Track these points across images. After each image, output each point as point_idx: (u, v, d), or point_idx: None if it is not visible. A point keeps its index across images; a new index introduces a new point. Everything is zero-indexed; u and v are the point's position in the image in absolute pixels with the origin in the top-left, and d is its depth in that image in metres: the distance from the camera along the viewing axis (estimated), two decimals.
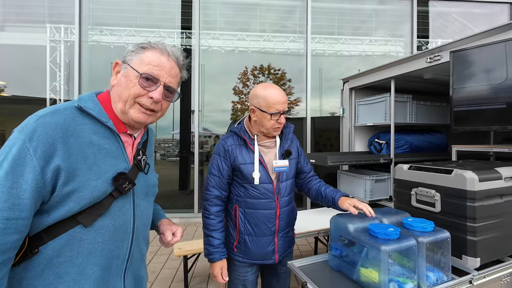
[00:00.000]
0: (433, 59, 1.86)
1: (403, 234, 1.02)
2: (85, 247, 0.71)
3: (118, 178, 0.75)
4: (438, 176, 1.29)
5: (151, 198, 0.92)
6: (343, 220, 1.15)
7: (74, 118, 0.71)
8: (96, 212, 0.72)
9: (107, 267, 0.76)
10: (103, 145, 0.75)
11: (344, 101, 2.88)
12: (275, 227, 1.33)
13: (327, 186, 1.41)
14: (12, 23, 5.02)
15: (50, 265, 0.69)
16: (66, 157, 0.67)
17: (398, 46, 5.54)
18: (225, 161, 1.31)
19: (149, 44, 0.80)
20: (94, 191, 0.70)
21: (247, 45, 5.27)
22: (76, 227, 0.70)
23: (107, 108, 0.79)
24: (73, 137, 0.69)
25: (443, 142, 2.65)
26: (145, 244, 0.90)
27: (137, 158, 0.83)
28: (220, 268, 1.30)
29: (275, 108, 1.25)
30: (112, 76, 0.81)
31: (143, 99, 0.78)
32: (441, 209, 1.27)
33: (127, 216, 0.79)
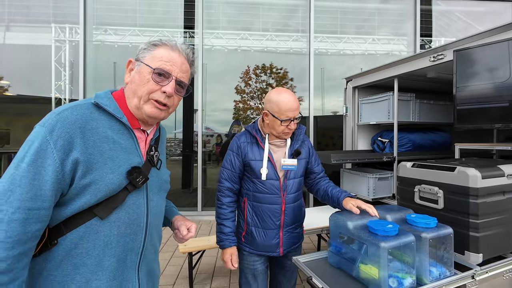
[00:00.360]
0: (436, 58, 1.87)
1: (402, 231, 1.04)
2: (101, 239, 0.74)
3: (132, 172, 0.78)
4: (441, 173, 1.31)
5: (164, 194, 0.94)
6: (342, 218, 1.17)
7: (91, 114, 0.75)
8: (112, 205, 0.75)
9: (123, 259, 0.78)
10: (118, 140, 0.78)
11: (347, 100, 2.89)
12: (280, 221, 1.38)
13: (335, 186, 1.42)
14: (17, 23, 5.08)
15: (69, 256, 0.72)
16: (84, 150, 0.71)
17: (401, 45, 5.53)
18: (237, 157, 1.41)
19: (160, 41, 0.84)
20: (109, 184, 0.73)
21: (250, 44, 5.29)
22: (93, 220, 0.73)
23: (121, 105, 0.82)
24: (90, 131, 0.73)
25: (446, 141, 2.66)
26: (158, 239, 0.93)
27: (150, 153, 0.86)
28: (230, 254, 1.37)
29: (286, 115, 1.31)
30: (126, 74, 0.84)
31: (157, 94, 0.81)
32: (444, 205, 1.29)
33: (140, 210, 0.81)
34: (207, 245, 2.49)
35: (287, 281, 1.53)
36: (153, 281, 0.93)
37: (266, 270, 1.48)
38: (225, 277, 2.71)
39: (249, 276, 1.43)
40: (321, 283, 1.08)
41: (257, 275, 1.43)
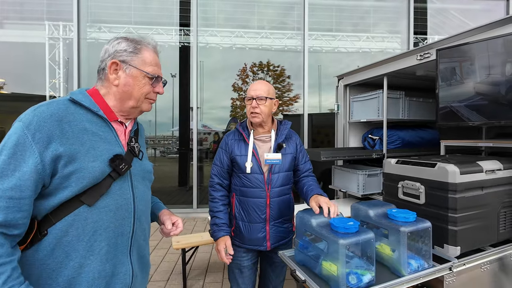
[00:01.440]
0: (423, 56, 1.90)
1: (362, 228, 1.06)
2: (90, 225, 0.78)
3: (115, 159, 0.82)
4: (422, 169, 1.35)
5: (148, 183, 0.99)
6: (307, 216, 1.19)
7: (67, 109, 0.79)
8: (98, 192, 0.79)
9: (114, 244, 0.82)
10: (96, 132, 0.82)
11: (339, 98, 2.92)
12: (265, 215, 1.42)
13: (311, 185, 1.44)
14: (11, 20, 5.04)
15: (59, 244, 0.75)
16: (64, 141, 0.74)
17: (395, 43, 5.56)
18: (225, 153, 1.49)
19: (140, 43, 0.90)
20: (92, 172, 0.77)
21: (245, 42, 5.29)
22: (81, 207, 0.77)
23: (97, 100, 0.86)
24: (68, 124, 0.77)
25: (434, 138, 2.71)
26: (147, 226, 0.97)
27: (130, 144, 0.91)
28: (223, 243, 1.40)
29: (249, 93, 1.44)
30: (111, 75, 0.87)
31: (152, 95, 0.93)
32: (425, 201, 1.33)
33: (127, 196, 0.86)
34: (200, 241, 2.53)
35: (276, 277, 1.57)
36: (145, 267, 0.97)
37: (253, 266, 1.51)
38: (218, 272, 2.75)
39: (236, 271, 1.47)
40: (304, 275, 1.11)
41: (243, 271, 1.47)
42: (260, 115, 1.41)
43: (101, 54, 0.90)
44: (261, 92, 1.41)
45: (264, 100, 1.41)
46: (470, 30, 1.55)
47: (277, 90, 5.56)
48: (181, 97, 5.28)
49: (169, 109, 5.45)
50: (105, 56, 0.88)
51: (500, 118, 1.37)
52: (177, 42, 5.15)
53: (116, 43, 0.88)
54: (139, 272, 0.92)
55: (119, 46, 0.87)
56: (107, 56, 0.87)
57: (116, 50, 0.87)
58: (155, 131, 5.86)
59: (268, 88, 1.44)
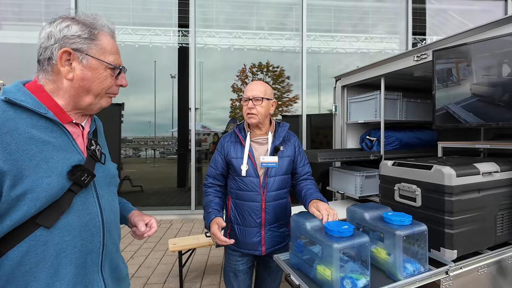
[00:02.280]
0: (420, 57, 1.89)
1: (357, 232, 1.05)
2: (51, 249, 0.66)
3: (75, 171, 0.69)
4: (419, 171, 1.33)
5: (114, 189, 0.88)
6: (301, 219, 1.17)
7: (3, 114, 0.63)
8: (57, 210, 0.67)
9: (82, 264, 0.73)
10: (47, 139, 0.67)
11: (336, 99, 2.91)
12: (261, 219, 1.40)
13: (310, 188, 1.41)
14: (9, 21, 5.04)
15: (14, 277, 0.63)
16: (5, 157, 0.60)
17: (393, 43, 5.56)
18: (220, 155, 1.48)
19: (95, 26, 0.74)
20: (48, 189, 0.64)
21: (243, 43, 5.29)
22: (37, 230, 0.65)
23: (43, 98, 0.70)
24: (9, 134, 0.61)
25: (432, 139, 2.69)
26: (117, 235, 0.88)
27: (90, 148, 0.78)
28: (215, 224, 1.30)
29: (246, 94, 1.43)
30: (64, 67, 0.70)
31: (114, 89, 0.80)
32: (421, 203, 1.32)
33: (93, 210, 0.75)
34: (197, 244, 2.51)
35: (272, 281, 1.55)
36: (120, 277, 0.88)
37: (249, 270, 1.49)
38: (215, 275, 2.73)
39: (231, 274, 1.46)
40: (298, 280, 1.10)
41: (238, 274, 1.45)
42: (257, 115, 1.39)
43: (40, 39, 0.71)
44: (258, 93, 1.39)
45: (260, 100, 1.38)
46: (466, 31, 1.54)
47: (277, 91, 5.56)
48: (179, 98, 5.27)
49: (169, 110, 5.42)
50: (49, 42, 0.70)
51: (497, 119, 1.35)
52: (176, 43, 5.14)
53: (64, 25, 0.70)
54: (114, 285, 0.84)
55: (69, 30, 0.70)
56: (53, 43, 0.70)
57: (66, 35, 0.70)
58: (155, 132, 5.84)
59: (265, 89, 1.42)
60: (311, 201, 1.28)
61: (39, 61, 0.73)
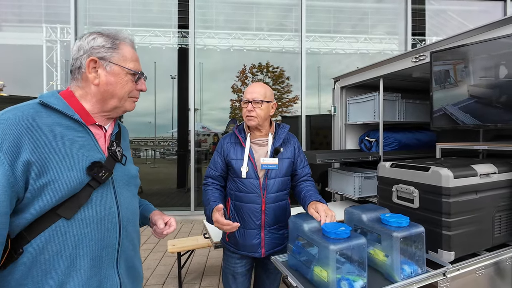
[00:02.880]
0: (418, 58, 1.89)
1: (354, 233, 1.05)
2: (70, 240, 0.72)
3: (93, 167, 0.76)
4: (416, 173, 1.34)
5: (134, 189, 0.93)
6: (299, 220, 1.17)
7: (37, 113, 0.72)
8: (76, 203, 0.73)
9: (98, 257, 0.77)
10: (72, 137, 0.75)
11: (335, 100, 2.92)
12: (260, 221, 1.40)
13: (309, 190, 1.41)
14: (9, 23, 5.05)
15: (36, 263, 0.69)
16: (34, 150, 0.67)
17: (393, 44, 5.56)
18: (220, 156, 1.47)
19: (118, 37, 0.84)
20: (68, 182, 0.71)
21: (243, 44, 5.29)
22: (58, 221, 0.71)
23: (72, 103, 0.79)
24: (38, 130, 0.70)
25: (431, 140, 2.69)
26: (136, 235, 0.92)
27: (111, 149, 0.85)
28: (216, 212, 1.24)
29: (245, 97, 1.42)
30: (91, 74, 0.80)
31: (135, 93, 0.89)
32: (419, 205, 1.32)
33: (109, 205, 0.80)
34: (196, 245, 2.51)
35: (271, 283, 1.54)
36: (136, 277, 0.91)
37: (247, 272, 1.49)
38: (214, 276, 2.73)
39: (229, 277, 1.45)
40: (296, 282, 1.10)
41: (237, 277, 1.45)
42: (256, 118, 1.39)
43: (73, 52, 0.82)
44: (257, 95, 1.38)
45: (260, 103, 1.38)
46: (464, 33, 1.54)
47: (276, 91, 5.56)
48: (179, 98, 5.28)
49: (169, 111, 5.43)
50: (79, 54, 0.80)
51: (494, 121, 1.35)
52: (175, 44, 5.15)
53: (91, 39, 0.81)
54: (129, 283, 0.87)
55: (95, 42, 0.80)
56: (82, 53, 0.80)
57: (92, 46, 0.80)
58: (155, 133, 5.85)
59: (265, 91, 1.41)
60: (310, 202, 1.28)
61: (72, 71, 0.83)
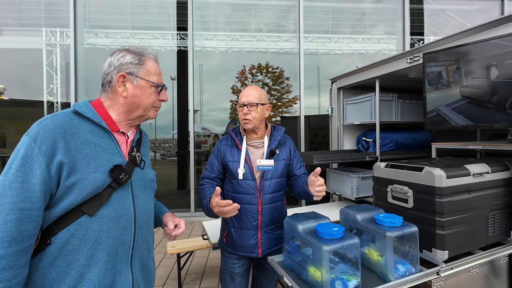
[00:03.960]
0: (413, 59, 1.91)
1: (347, 233, 1.07)
2: (91, 235, 0.80)
3: (114, 170, 0.84)
4: (410, 173, 1.35)
5: (150, 192, 1.01)
6: (294, 221, 1.19)
7: (71, 120, 0.82)
8: (98, 202, 0.81)
9: (114, 253, 0.84)
10: (98, 143, 0.85)
11: (332, 101, 2.93)
12: (257, 222, 1.42)
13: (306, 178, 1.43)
14: (9, 27, 5.08)
15: (61, 254, 0.78)
16: (66, 153, 0.77)
17: (391, 44, 5.58)
18: (217, 158, 1.49)
19: (143, 54, 0.95)
20: (93, 182, 0.79)
21: (241, 45, 5.32)
22: (82, 217, 0.79)
23: (100, 112, 0.90)
24: (71, 136, 0.80)
25: (428, 140, 2.70)
26: (150, 235, 0.99)
27: (131, 154, 0.93)
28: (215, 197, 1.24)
29: (240, 100, 1.44)
30: (120, 87, 0.91)
31: (157, 103, 0.98)
32: (413, 205, 1.33)
33: (127, 205, 0.88)
34: (195, 246, 2.53)
35: (268, 283, 1.56)
36: (148, 276, 0.98)
37: (245, 272, 1.51)
38: (214, 277, 2.75)
39: (227, 277, 1.47)
40: (291, 282, 1.11)
41: (235, 277, 1.46)
42: (252, 121, 1.42)
43: (104, 67, 0.93)
44: (252, 98, 1.41)
45: (255, 106, 1.41)
46: (457, 34, 1.56)
47: (276, 92, 5.58)
48: (179, 100, 5.30)
49: (169, 112, 5.46)
50: (110, 69, 0.91)
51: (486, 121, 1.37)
52: (175, 46, 5.18)
53: (120, 56, 0.91)
54: (142, 281, 0.94)
55: (124, 59, 0.91)
56: (112, 69, 0.91)
57: (122, 63, 0.90)
58: (155, 134, 5.88)
59: (260, 94, 1.44)
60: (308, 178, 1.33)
61: (103, 84, 0.94)
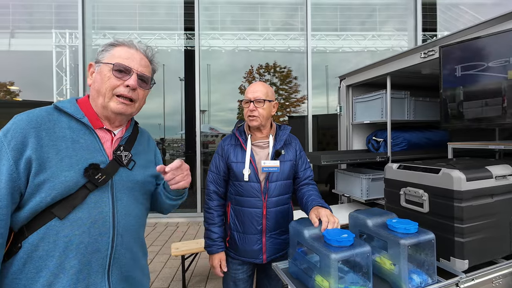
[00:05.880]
0: (427, 54, 1.80)
1: (358, 240, 0.99)
2: (61, 240, 0.73)
3: (88, 169, 0.77)
4: (426, 175, 1.26)
5: (138, 195, 0.90)
6: (300, 226, 1.11)
7: (48, 116, 0.77)
8: (71, 203, 0.74)
9: (87, 262, 0.76)
10: (77, 139, 0.79)
11: (341, 99, 2.83)
12: (261, 226, 1.35)
13: (312, 194, 1.34)
14: (21, 30, 5.19)
15: (31, 259, 0.72)
16: (37, 149, 0.72)
17: (402, 41, 5.41)
18: (221, 159, 1.42)
19: (116, 41, 0.87)
20: (64, 181, 0.73)
21: (248, 44, 5.26)
22: (52, 220, 0.73)
23: (84, 107, 0.84)
24: (45, 131, 0.75)
25: (443, 139, 2.57)
26: (136, 243, 0.88)
27: (116, 153, 0.85)
28: (218, 259, 1.37)
29: (247, 96, 1.37)
30: (88, 77, 0.87)
31: (120, 89, 0.83)
32: (429, 209, 1.24)
33: (105, 209, 0.79)
34: (199, 248, 2.49)
35: None
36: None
37: (249, 278, 1.44)
38: (219, 279, 2.70)
39: (230, 283, 1.41)
40: None
41: (238, 283, 1.40)
42: (259, 118, 1.35)
43: None
44: (260, 94, 1.34)
45: (262, 102, 1.34)
46: (475, 26, 1.45)
47: (284, 92, 5.51)
48: (186, 100, 5.31)
49: (178, 113, 5.49)
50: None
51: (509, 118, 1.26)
52: (182, 46, 5.18)
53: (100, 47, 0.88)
54: None
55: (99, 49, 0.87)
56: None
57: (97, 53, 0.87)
58: (164, 134, 5.92)
59: (267, 90, 1.37)
60: (312, 208, 1.22)
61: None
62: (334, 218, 1.09)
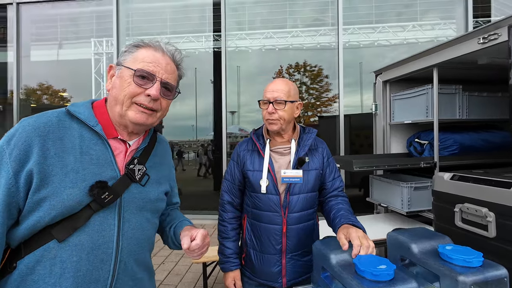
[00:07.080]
0: (487, 38, 1.48)
1: (399, 273, 0.76)
2: (57, 265, 0.65)
3: (94, 187, 0.68)
4: (491, 189, 0.99)
5: (149, 215, 0.81)
6: (326, 249, 0.92)
7: (58, 122, 0.69)
8: (72, 225, 0.66)
9: None
10: (87, 151, 0.70)
11: (377, 96, 2.54)
12: (281, 245, 1.18)
13: (341, 208, 1.14)
14: (67, 40, 5.68)
15: (25, 283, 0.65)
16: (40, 161, 0.64)
17: (449, 30, 4.82)
18: (237, 166, 1.27)
19: (142, 42, 0.78)
20: (66, 200, 0.65)
21: (275, 43, 5.12)
22: (51, 242, 0.65)
23: (99, 113, 0.75)
24: (52, 140, 0.67)
25: (505, 141, 2.16)
26: (141, 269, 0.80)
27: (128, 167, 0.75)
28: (232, 278, 1.23)
29: (265, 96, 1.20)
30: (107, 80, 0.79)
31: (140, 98, 0.74)
32: (496, 234, 0.97)
33: (108, 233, 0.71)
34: None
35: None
36: None
37: None
38: None
39: None
40: None
41: None
42: (279, 121, 1.17)
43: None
44: (280, 94, 1.16)
45: (283, 104, 1.16)
46: None
47: (315, 91, 5.29)
48: (215, 101, 5.35)
49: (209, 114, 5.58)
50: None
51: None
52: (210, 48, 5.23)
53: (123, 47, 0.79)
54: None
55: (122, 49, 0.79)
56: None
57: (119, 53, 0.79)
58: (196, 135, 6.09)
59: (289, 89, 1.18)
60: (341, 226, 1.02)
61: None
62: (369, 242, 0.88)
